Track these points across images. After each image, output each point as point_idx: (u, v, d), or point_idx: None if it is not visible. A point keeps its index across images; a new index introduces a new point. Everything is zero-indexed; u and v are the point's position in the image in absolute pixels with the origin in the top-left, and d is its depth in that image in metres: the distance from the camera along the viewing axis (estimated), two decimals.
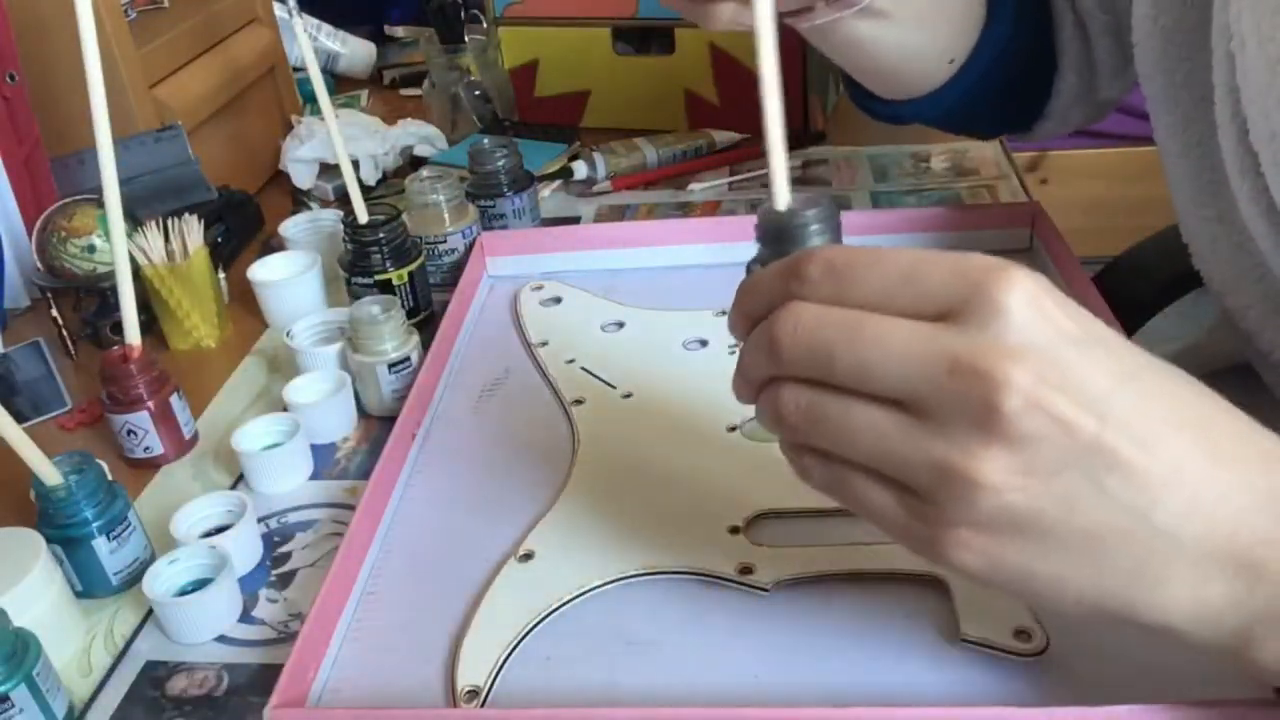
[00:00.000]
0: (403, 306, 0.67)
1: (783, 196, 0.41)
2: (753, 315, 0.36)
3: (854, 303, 0.33)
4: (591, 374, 0.65)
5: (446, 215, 0.77)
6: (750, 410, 0.60)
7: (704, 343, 0.67)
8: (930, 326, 0.32)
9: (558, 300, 0.73)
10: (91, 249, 0.73)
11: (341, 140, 0.71)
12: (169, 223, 0.72)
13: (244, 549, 0.54)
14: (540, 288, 0.75)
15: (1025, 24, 0.64)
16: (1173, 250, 0.70)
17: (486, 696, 0.45)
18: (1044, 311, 0.31)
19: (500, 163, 0.80)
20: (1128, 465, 0.31)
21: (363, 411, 0.66)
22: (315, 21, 1.21)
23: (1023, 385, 0.30)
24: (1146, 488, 0.32)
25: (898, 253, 0.34)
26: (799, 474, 0.37)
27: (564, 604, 0.49)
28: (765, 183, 0.90)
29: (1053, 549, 0.32)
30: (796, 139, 0.96)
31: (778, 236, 0.40)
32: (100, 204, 0.65)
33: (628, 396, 0.63)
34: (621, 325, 0.70)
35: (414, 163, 0.98)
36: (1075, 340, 0.32)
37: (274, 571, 0.54)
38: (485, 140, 0.83)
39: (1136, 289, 0.84)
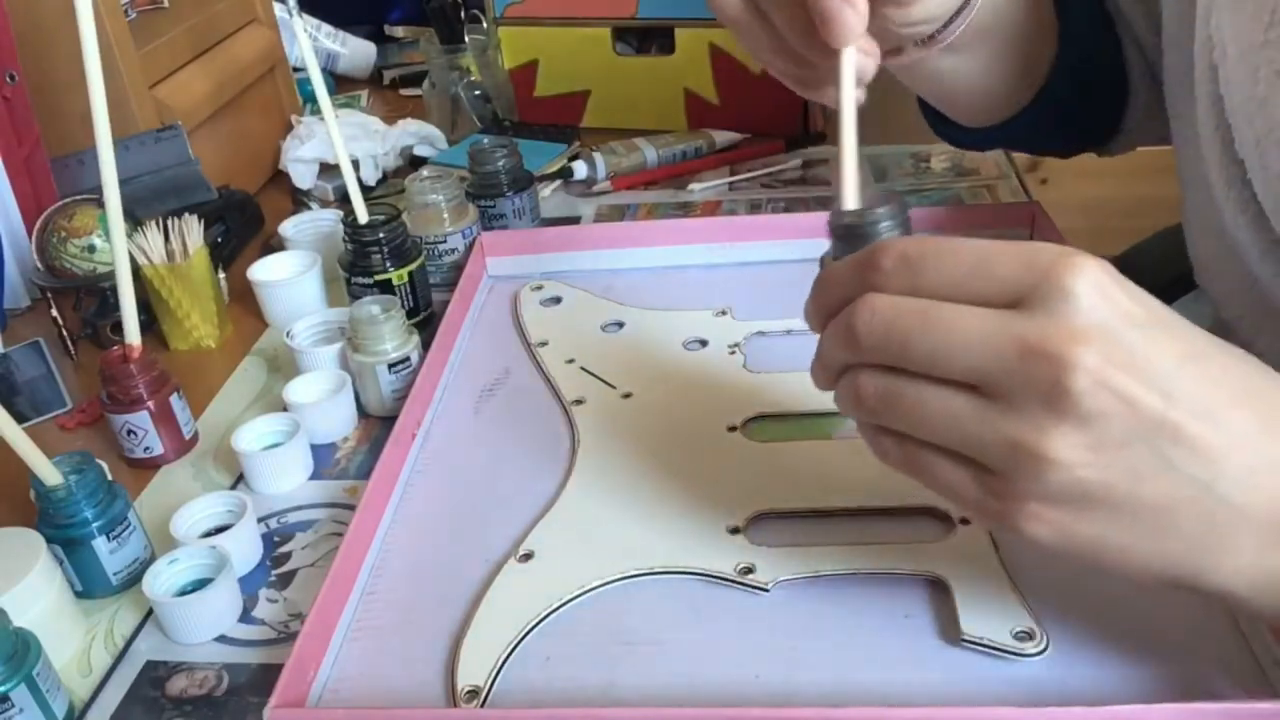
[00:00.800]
0: (403, 306, 0.67)
1: (851, 198, 0.42)
2: (829, 308, 0.38)
3: (927, 292, 0.35)
4: (591, 374, 0.65)
5: (446, 215, 0.77)
6: (750, 410, 0.60)
7: (704, 343, 0.67)
8: (1000, 313, 0.34)
9: (558, 300, 0.73)
10: (91, 249, 0.73)
11: (341, 140, 0.71)
12: (169, 223, 0.72)
13: (244, 549, 0.54)
14: (540, 288, 0.75)
15: (1095, 45, 0.64)
16: (1172, 250, 0.70)
17: (486, 696, 0.45)
18: (1110, 296, 0.33)
19: (500, 163, 0.80)
20: (1192, 439, 0.33)
21: (363, 411, 0.66)
22: (315, 21, 1.21)
23: (1090, 365, 0.32)
24: (1210, 460, 0.33)
25: (968, 243, 0.35)
26: (877, 454, 0.39)
27: (564, 604, 0.49)
28: (765, 182, 0.91)
29: (1121, 520, 0.34)
30: (796, 139, 0.96)
31: (850, 235, 0.41)
32: (100, 204, 0.65)
33: (628, 396, 0.63)
34: (621, 325, 0.70)
35: (414, 163, 0.98)
36: (1140, 322, 0.33)
37: (274, 571, 0.54)
38: (485, 140, 0.83)
39: None
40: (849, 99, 0.45)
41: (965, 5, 0.54)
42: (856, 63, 0.46)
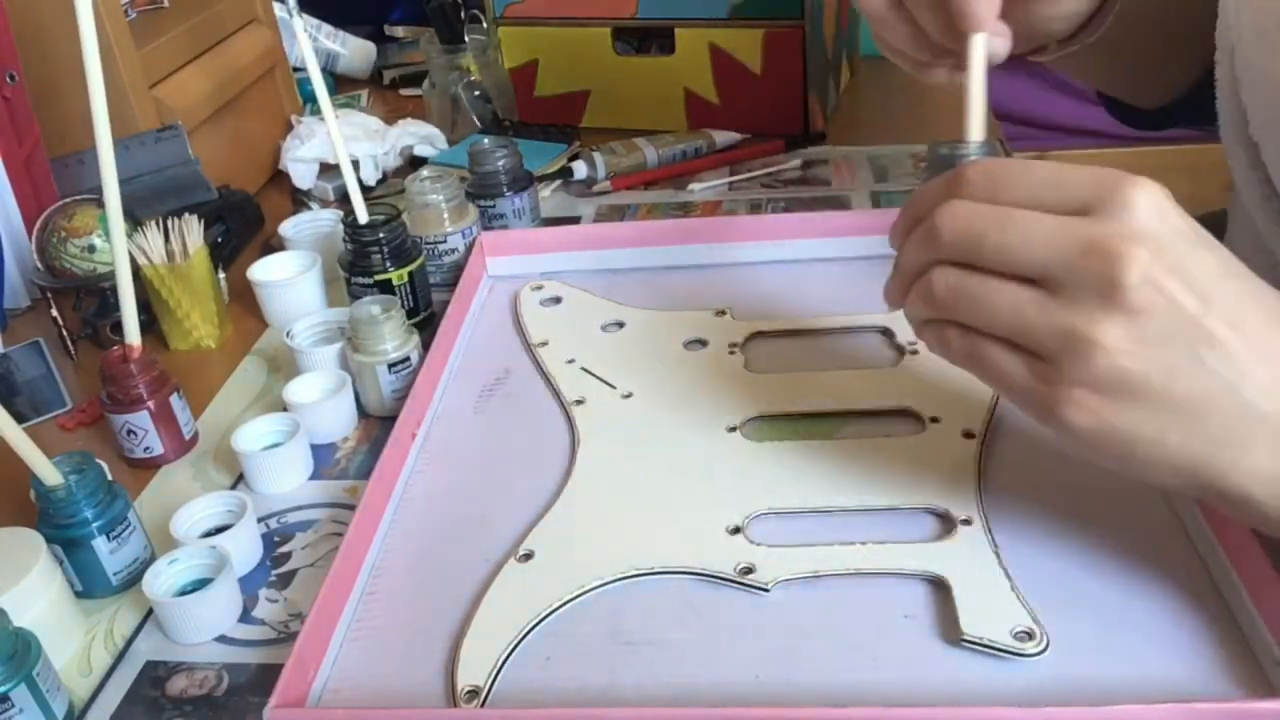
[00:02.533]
0: (403, 306, 0.67)
1: (977, 129, 0.49)
2: (917, 217, 0.43)
3: (1005, 201, 0.40)
4: (591, 374, 0.65)
5: (446, 215, 0.77)
6: (750, 410, 0.60)
7: (704, 343, 0.67)
8: (1066, 218, 0.38)
9: (558, 300, 0.73)
10: (91, 249, 0.73)
11: (341, 140, 0.71)
12: (169, 223, 0.72)
13: (244, 549, 0.54)
14: (540, 288, 0.75)
15: None
16: None
17: (486, 696, 0.45)
18: (1165, 212, 0.38)
19: (500, 163, 0.80)
20: (1224, 344, 0.37)
21: (363, 411, 0.66)
22: (315, 21, 1.21)
23: (1141, 262, 0.36)
24: (1239, 365, 0.37)
25: (1045, 162, 0.40)
26: (938, 345, 0.43)
27: (564, 604, 0.49)
28: (765, 182, 0.91)
29: (1155, 412, 0.38)
30: (796, 139, 0.96)
31: (944, 164, 0.46)
32: (100, 204, 0.65)
33: (628, 396, 0.63)
34: (621, 325, 0.70)
35: (414, 163, 0.98)
36: (1190, 239, 0.38)
37: (274, 571, 0.54)
38: (485, 140, 0.83)
39: None
40: (979, 59, 0.50)
41: (1104, 5, 0.55)
42: (988, 44, 0.50)
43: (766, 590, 0.48)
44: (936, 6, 0.51)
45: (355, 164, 0.90)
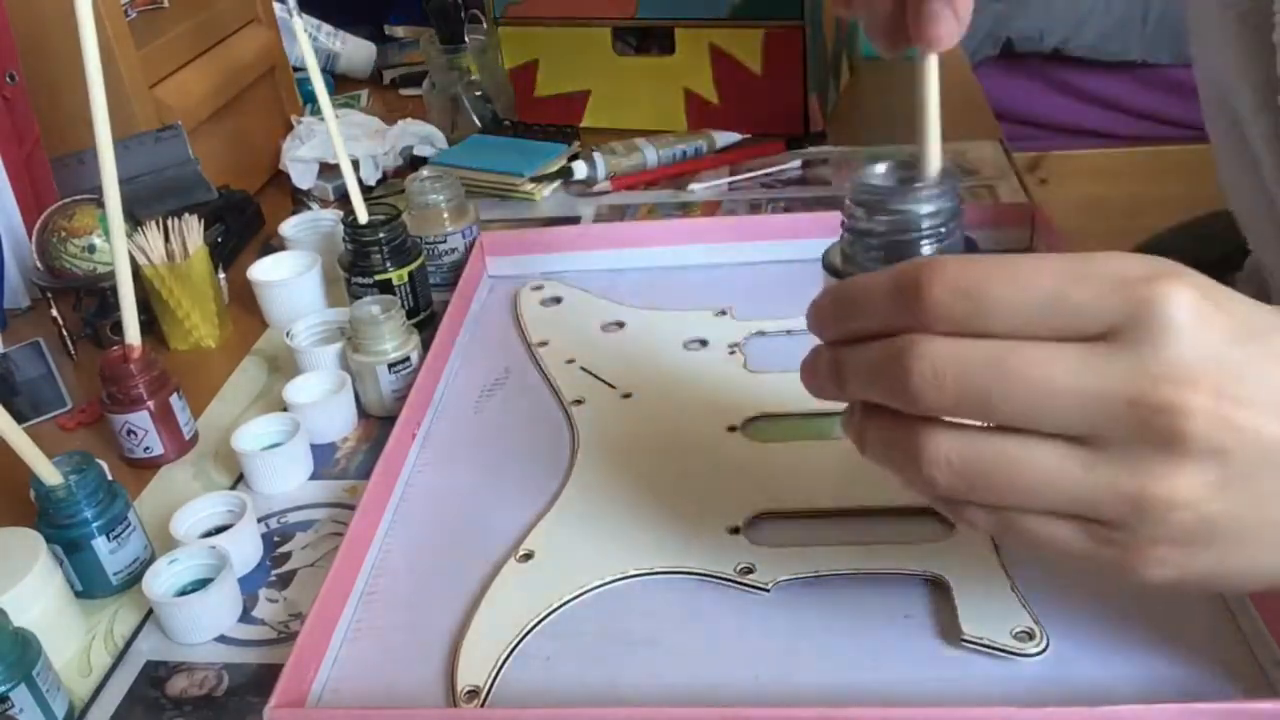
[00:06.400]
0: (403, 306, 0.67)
1: (934, 162, 0.37)
2: (853, 333, 0.34)
3: (995, 332, 0.31)
4: (591, 374, 0.65)
5: (446, 215, 0.77)
6: (750, 410, 0.60)
7: (704, 343, 0.67)
8: (1093, 355, 0.31)
9: (558, 300, 0.73)
10: (91, 249, 0.73)
11: (341, 140, 0.71)
12: (169, 223, 0.72)
13: (244, 549, 0.54)
14: (540, 288, 0.75)
15: None
16: (1176, 249, 0.69)
17: (486, 696, 0.45)
18: (1209, 320, 0.31)
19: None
20: None
21: (363, 411, 0.66)
22: (315, 21, 1.21)
23: (1205, 407, 0.30)
24: None
25: (1032, 267, 0.31)
26: (961, 525, 0.36)
27: (564, 604, 0.49)
28: (765, 182, 0.91)
29: (1248, 544, 0.32)
30: (796, 139, 0.96)
31: (883, 211, 0.36)
32: (100, 204, 0.65)
33: (628, 396, 0.63)
34: (621, 325, 0.70)
35: (414, 163, 0.98)
36: (1242, 339, 0.31)
37: (274, 571, 0.54)
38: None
39: None
40: (933, 81, 0.42)
41: None
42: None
43: (766, 590, 0.48)
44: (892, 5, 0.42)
45: (355, 164, 0.90)
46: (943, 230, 0.37)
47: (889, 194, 0.37)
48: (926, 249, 0.37)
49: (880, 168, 0.39)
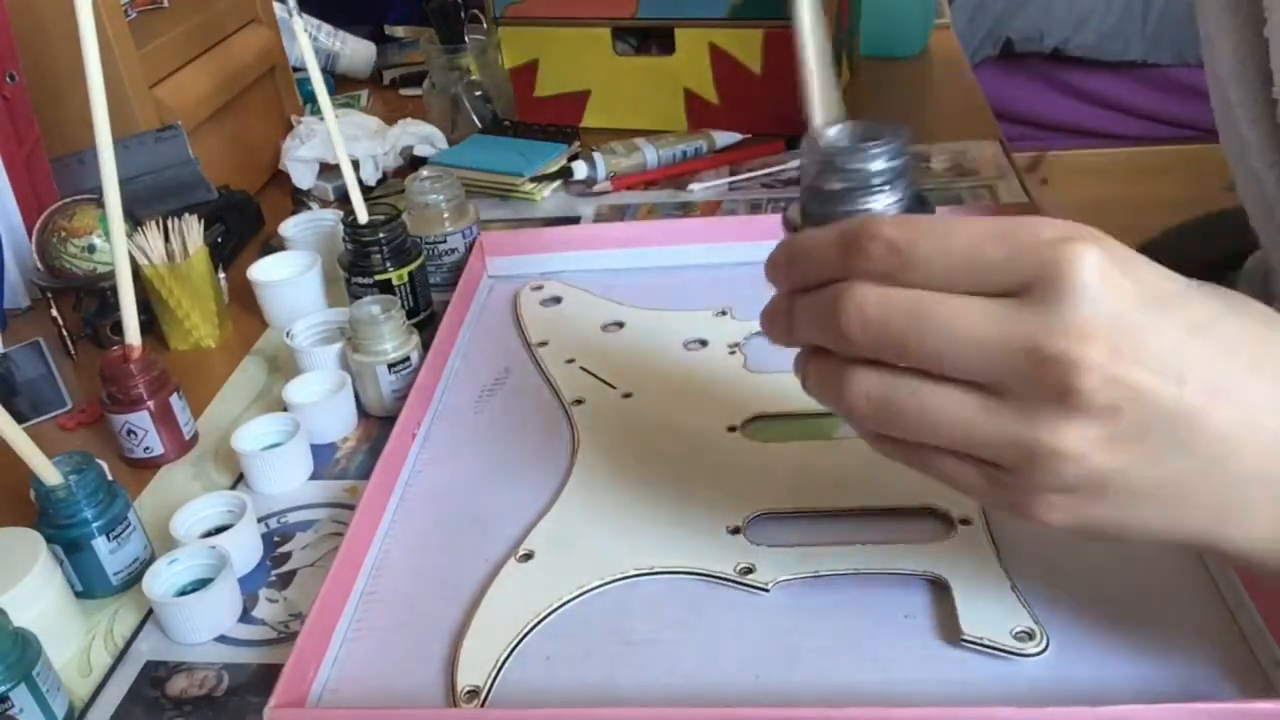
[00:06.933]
0: (403, 306, 0.67)
1: (818, 110, 0.40)
2: (802, 282, 0.38)
3: (919, 283, 0.34)
4: (591, 374, 0.65)
5: (446, 215, 0.77)
6: (750, 410, 0.60)
7: (704, 343, 0.67)
8: (1000, 308, 0.33)
9: (558, 300, 0.73)
10: (91, 249, 0.73)
11: (341, 140, 0.71)
12: (169, 223, 0.72)
13: (244, 549, 0.54)
14: (540, 288, 0.75)
15: None
16: (1177, 249, 0.69)
17: (486, 696, 0.45)
18: (1112, 281, 0.32)
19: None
20: (1206, 419, 0.33)
21: (363, 411, 0.66)
22: (315, 21, 1.21)
23: (1099, 362, 0.32)
24: (1227, 437, 0.33)
25: (961, 227, 0.34)
26: (879, 452, 0.38)
27: (564, 604, 0.49)
28: (765, 181, 0.90)
29: (1137, 501, 0.34)
30: (796, 139, 0.96)
31: (831, 171, 0.39)
32: (100, 204, 0.65)
33: (628, 396, 0.63)
34: (621, 325, 0.70)
35: (414, 163, 0.98)
36: (1146, 303, 0.32)
37: (274, 571, 0.54)
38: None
39: None
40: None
41: None
42: None
43: (766, 590, 0.48)
44: None
45: (355, 164, 0.90)
46: (888, 187, 0.39)
47: (840, 153, 0.39)
48: (874, 204, 0.39)
49: (834, 130, 0.41)
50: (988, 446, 0.34)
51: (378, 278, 0.70)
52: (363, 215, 0.71)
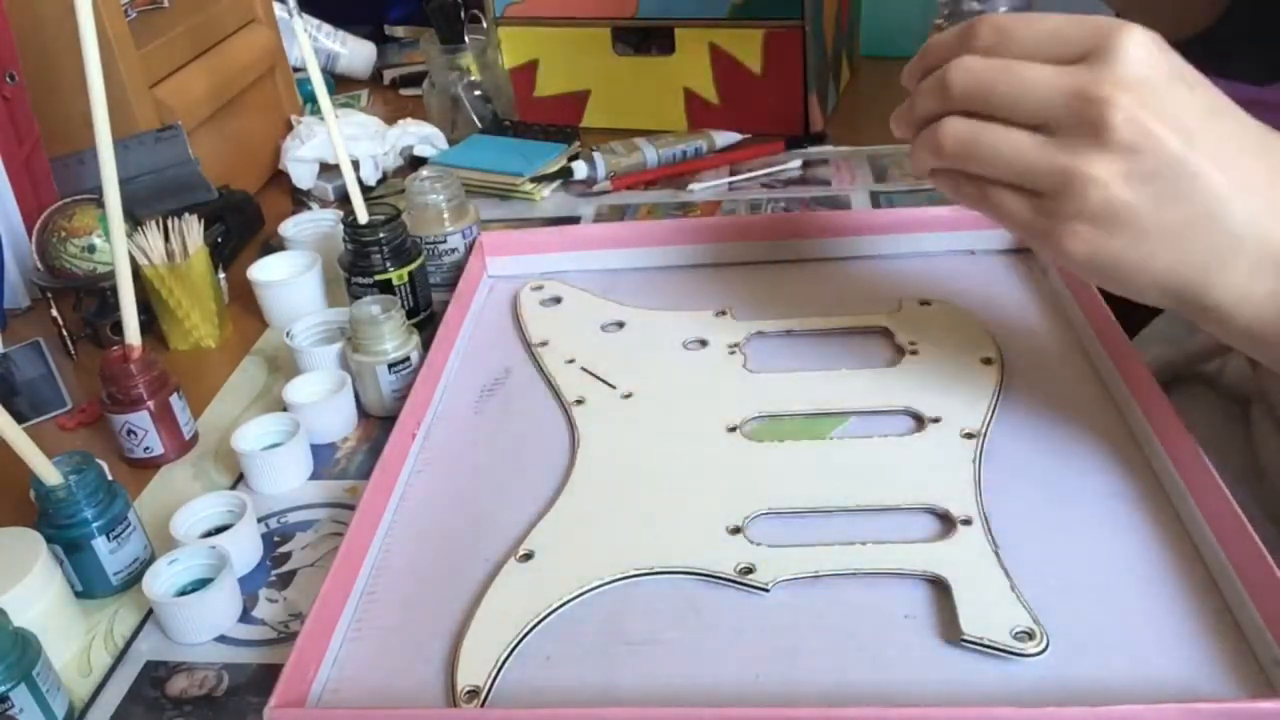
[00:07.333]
0: (403, 306, 0.67)
1: None
2: (930, 67, 0.47)
3: (1012, 55, 0.43)
4: (591, 374, 0.65)
5: (446, 215, 0.77)
6: (749, 411, 0.60)
7: (704, 343, 0.67)
8: (1064, 67, 0.42)
9: (558, 300, 0.73)
10: (91, 249, 0.73)
11: (341, 140, 0.71)
12: (169, 223, 0.72)
13: (244, 549, 0.54)
14: (540, 288, 0.75)
15: None
16: None
17: (486, 696, 0.45)
18: (1152, 55, 0.41)
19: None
20: (1205, 176, 0.41)
21: (363, 411, 0.66)
22: (315, 21, 1.21)
23: (1127, 105, 0.40)
24: (1218, 195, 0.41)
25: (1048, 16, 0.43)
26: (950, 191, 0.47)
27: (564, 604, 0.49)
28: (765, 181, 0.91)
29: (1143, 238, 0.42)
30: (796, 139, 0.96)
31: (965, 16, 0.52)
32: (100, 204, 0.65)
33: (628, 396, 0.63)
34: (621, 325, 0.70)
35: (414, 163, 0.98)
36: (1175, 79, 0.41)
37: (274, 571, 0.54)
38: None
39: None
40: None
41: None
42: None
43: (766, 590, 0.48)
44: None
45: (355, 164, 0.90)
46: None
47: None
48: (992, 5, 0.54)
49: None
50: (1035, 174, 0.42)
51: (378, 278, 0.70)
52: (363, 215, 0.71)
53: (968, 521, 0.50)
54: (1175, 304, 0.44)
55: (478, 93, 1.02)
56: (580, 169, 0.91)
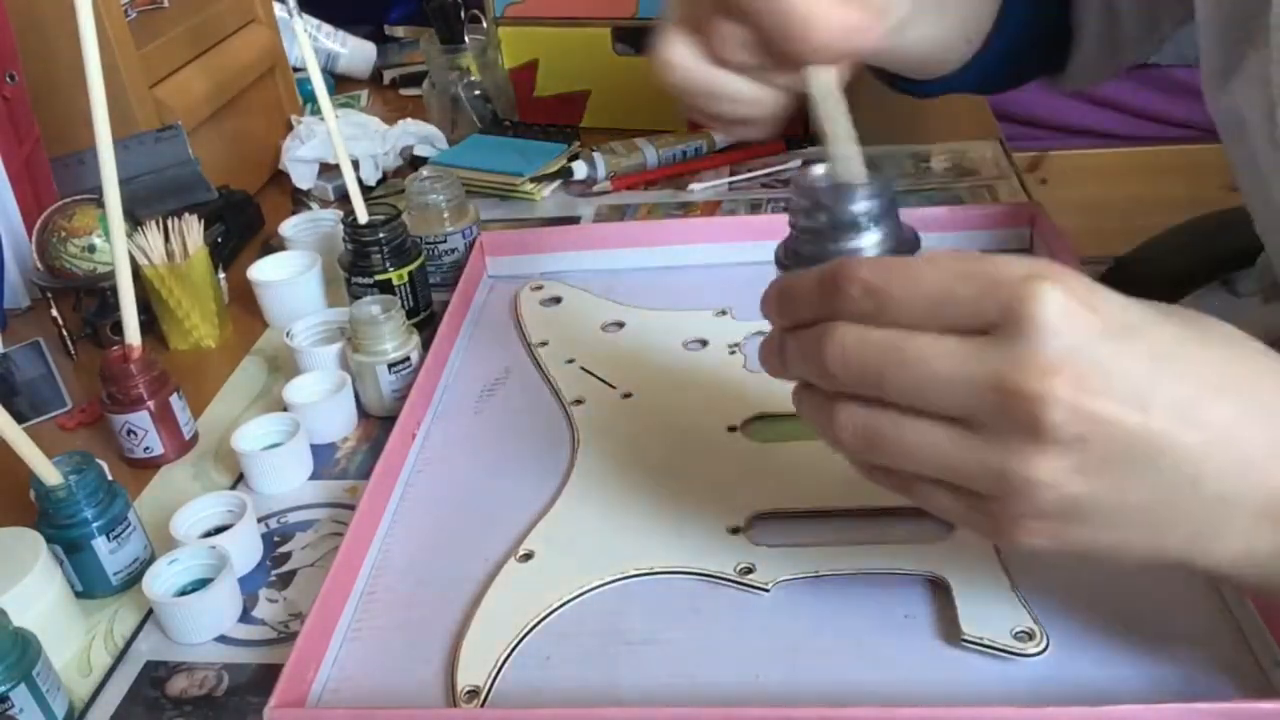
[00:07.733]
0: (403, 306, 0.67)
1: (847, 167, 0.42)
2: (791, 321, 0.39)
3: (895, 323, 0.35)
4: (591, 374, 0.65)
5: (446, 215, 0.77)
6: (750, 410, 0.60)
7: (704, 343, 0.67)
8: (970, 346, 0.34)
9: (558, 300, 0.73)
10: (91, 249, 0.73)
11: (341, 140, 0.71)
12: (169, 223, 0.72)
13: (244, 549, 0.54)
14: (540, 288, 0.75)
15: (1041, 4, 0.66)
16: (1177, 249, 0.70)
17: (486, 696, 0.45)
18: (1074, 316, 0.33)
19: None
20: (1174, 444, 0.33)
21: (363, 411, 0.66)
22: (315, 21, 1.21)
23: (1063, 397, 0.33)
24: (1192, 461, 0.34)
25: (932, 268, 0.35)
26: (870, 480, 0.40)
27: (564, 604, 0.49)
28: (765, 181, 0.91)
29: (1113, 525, 0.35)
30: (796, 139, 0.96)
31: (820, 221, 0.42)
32: (100, 204, 0.65)
33: (628, 396, 0.63)
34: (621, 325, 0.70)
35: (414, 163, 0.98)
36: (1109, 335, 0.33)
37: (274, 571, 0.54)
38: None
39: (1143, 288, 0.84)
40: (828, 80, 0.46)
41: None
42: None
43: (766, 590, 0.48)
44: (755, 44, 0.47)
45: (355, 164, 0.90)
46: (873, 225, 0.42)
47: (825, 194, 0.42)
48: (859, 243, 0.42)
49: (819, 169, 0.43)
50: (965, 476, 0.35)
51: (378, 278, 0.70)
52: (363, 215, 0.71)
53: None
54: (1172, 570, 0.38)
55: (478, 93, 1.02)
56: (580, 169, 0.90)
